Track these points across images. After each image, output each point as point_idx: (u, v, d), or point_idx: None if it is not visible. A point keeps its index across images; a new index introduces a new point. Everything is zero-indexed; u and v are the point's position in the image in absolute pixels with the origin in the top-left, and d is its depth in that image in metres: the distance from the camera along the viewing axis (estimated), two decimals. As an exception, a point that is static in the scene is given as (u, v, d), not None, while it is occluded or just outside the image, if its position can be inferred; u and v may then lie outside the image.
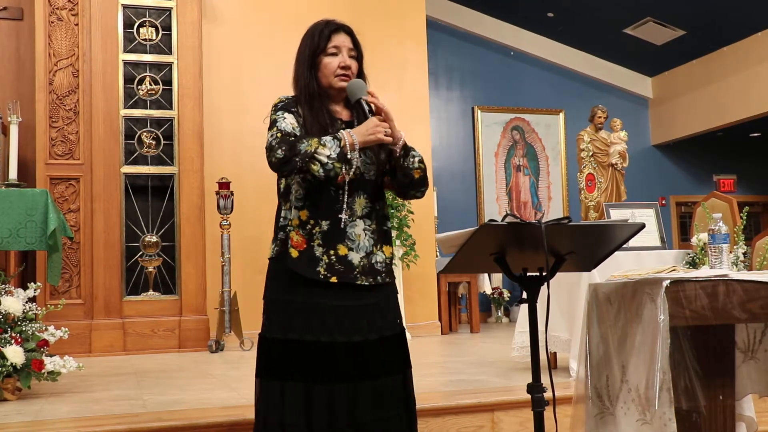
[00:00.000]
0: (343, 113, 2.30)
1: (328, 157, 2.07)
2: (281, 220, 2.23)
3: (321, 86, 2.26)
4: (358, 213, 2.20)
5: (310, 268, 2.13)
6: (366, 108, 2.19)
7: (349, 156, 2.11)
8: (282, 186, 2.27)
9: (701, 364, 1.92)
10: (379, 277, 2.20)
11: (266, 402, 2.17)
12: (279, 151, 2.09)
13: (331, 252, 2.15)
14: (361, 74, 2.31)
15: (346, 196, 2.17)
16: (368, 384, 2.12)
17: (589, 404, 2.19)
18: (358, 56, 2.30)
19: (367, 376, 2.13)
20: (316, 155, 2.07)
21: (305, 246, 2.15)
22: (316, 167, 2.07)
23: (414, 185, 2.28)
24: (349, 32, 2.30)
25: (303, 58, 2.28)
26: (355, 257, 2.17)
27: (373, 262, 2.20)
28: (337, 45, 2.25)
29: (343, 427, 2.08)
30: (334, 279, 2.14)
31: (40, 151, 5.92)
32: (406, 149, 2.24)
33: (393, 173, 2.27)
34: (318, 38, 2.26)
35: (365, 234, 2.20)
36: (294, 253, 2.15)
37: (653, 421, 1.90)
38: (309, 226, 2.16)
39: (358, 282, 2.17)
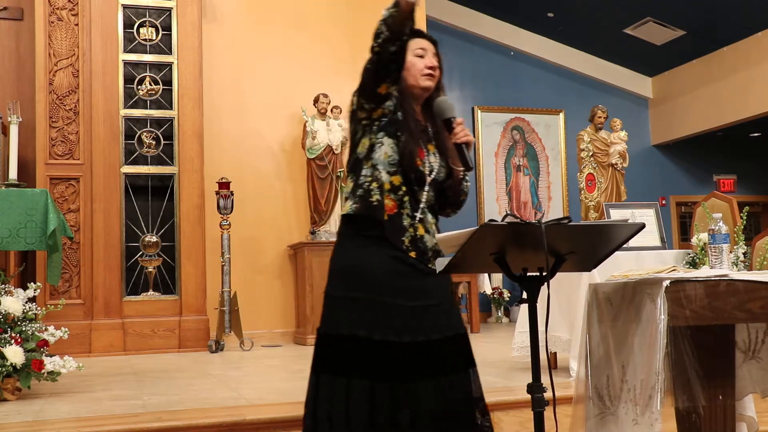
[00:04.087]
0: (419, 116, 2.31)
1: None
2: (361, 177, 2.21)
3: (407, 84, 2.26)
4: (424, 205, 2.26)
5: (397, 235, 2.17)
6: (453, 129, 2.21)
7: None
8: (365, 146, 2.23)
9: (701, 364, 1.91)
10: (435, 267, 2.21)
11: (314, 398, 2.17)
12: (379, 39, 2.08)
13: (413, 228, 2.20)
14: (439, 86, 2.33)
15: (422, 186, 2.22)
16: (402, 386, 2.10)
17: (590, 404, 2.18)
18: (440, 68, 2.32)
19: (399, 380, 2.10)
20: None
21: (395, 211, 2.18)
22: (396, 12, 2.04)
23: (456, 205, 2.37)
24: (433, 42, 2.33)
25: None
26: (430, 241, 2.23)
27: (437, 251, 2.24)
28: (423, 47, 2.29)
29: (382, 427, 2.07)
30: (413, 254, 2.18)
31: (40, 151, 5.93)
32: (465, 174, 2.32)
33: (443, 192, 2.31)
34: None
35: (431, 226, 2.27)
36: (384, 216, 2.17)
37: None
38: (401, 192, 2.19)
39: (429, 265, 2.20)
